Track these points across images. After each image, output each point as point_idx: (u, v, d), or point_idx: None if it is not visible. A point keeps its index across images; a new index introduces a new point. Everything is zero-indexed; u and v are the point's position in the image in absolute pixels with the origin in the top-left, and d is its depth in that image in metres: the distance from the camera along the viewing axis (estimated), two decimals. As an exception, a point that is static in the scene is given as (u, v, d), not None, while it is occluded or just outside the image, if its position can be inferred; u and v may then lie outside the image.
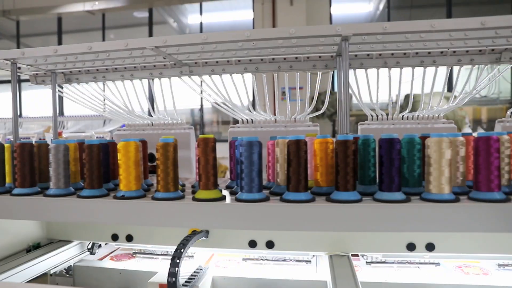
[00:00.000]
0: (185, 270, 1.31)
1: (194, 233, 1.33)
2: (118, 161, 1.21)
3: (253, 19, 7.93)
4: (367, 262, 1.48)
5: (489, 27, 1.07)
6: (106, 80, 1.73)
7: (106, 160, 1.37)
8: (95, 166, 1.23)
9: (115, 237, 1.53)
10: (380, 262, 1.47)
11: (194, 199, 1.14)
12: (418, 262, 1.46)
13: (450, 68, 1.50)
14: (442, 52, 1.45)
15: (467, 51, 1.43)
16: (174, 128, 1.79)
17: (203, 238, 1.39)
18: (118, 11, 8.65)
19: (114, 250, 1.73)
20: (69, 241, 1.60)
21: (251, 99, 1.65)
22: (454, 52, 1.44)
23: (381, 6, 8.03)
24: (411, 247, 1.32)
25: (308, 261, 1.51)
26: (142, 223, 1.21)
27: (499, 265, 1.41)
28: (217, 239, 1.42)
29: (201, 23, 8.50)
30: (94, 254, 1.67)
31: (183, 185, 1.44)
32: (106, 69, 1.69)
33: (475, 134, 1.11)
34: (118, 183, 1.24)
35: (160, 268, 1.35)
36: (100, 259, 1.63)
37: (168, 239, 1.49)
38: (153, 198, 1.17)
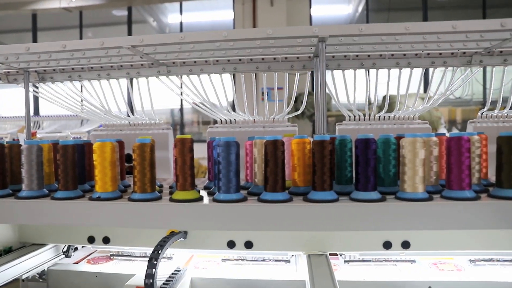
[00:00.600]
0: (163, 272, 1.30)
1: (172, 234, 1.32)
2: (94, 162, 1.19)
3: (234, 19, 7.92)
4: (345, 261, 1.49)
5: (460, 31, 1.11)
6: (82, 80, 1.69)
7: (82, 161, 1.34)
8: (70, 167, 1.20)
9: (91, 240, 1.49)
10: (358, 260, 1.49)
11: (171, 200, 1.13)
12: (394, 259, 1.48)
13: (425, 69, 1.54)
14: (416, 54, 1.48)
15: (440, 54, 1.47)
16: (152, 129, 1.77)
17: (181, 239, 1.37)
18: (96, 9, 8.48)
19: (91, 253, 1.69)
20: (43, 245, 1.55)
21: (230, 99, 1.65)
22: (428, 54, 1.48)
23: (360, 8, 8.15)
24: (387, 245, 1.34)
25: (287, 261, 1.52)
26: (119, 225, 1.19)
27: (470, 261, 1.45)
28: (195, 240, 1.40)
29: (181, 22, 8.43)
30: (70, 257, 1.62)
31: (161, 186, 1.43)
32: (82, 68, 1.66)
33: (448, 135, 1.14)
34: (94, 184, 1.22)
35: (137, 271, 1.33)
36: (76, 263, 1.59)
37: (146, 241, 1.47)
38: (130, 199, 1.15)
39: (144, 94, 1.72)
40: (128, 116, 1.79)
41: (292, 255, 1.53)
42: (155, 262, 1.10)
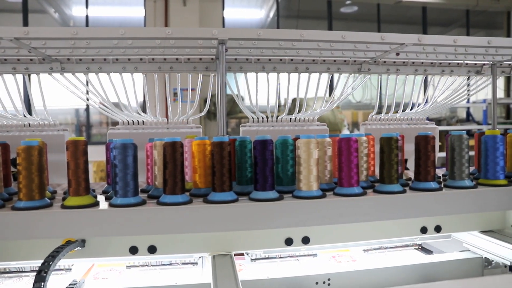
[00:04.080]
0: (58, 285, 1.20)
1: (68, 243, 1.22)
2: (-32, 168, 1.05)
3: (145, 17, 7.63)
4: (251, 259, 1.53)
5: (349, 41, 1.21)
6: (-45, 73, 1.48)
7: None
8: None
9: (-33, 258, 1.31)
10: (263, 258, 1.53)
11: (63, 206, 1.05)
12: (298, 255, 1.55)
13: (321, 74, 1.65)
14: (313, 60, 1.58)
15: (334, 61, 1.59)
16: (46, 130, 1.62)
17: (79, 248, 1.28)
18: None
19: (-32, 274, 1.48)
20: None
21: (133, 99, 1.58)
22: (324, 61, 1.59)
23: (271, 14, 8.44)
24: (289, 241, 1.40)
25: (195, 263, 1.50)
26: (0, 238, 1.07)
27: (364, 250, 1.59)
28: (94, 248, 1.31)
29: (87, 16, 7.85)
30: None
31: (54, 192, 1.31)
32: (-46, 59, 1.46)
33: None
34: (-32, 193, 1.08)
35: (26, 288, 1.21)
36: None
37: (38, 253, 1.33)
38: (13, 208, 1.04)
39: (37, 92, 1.57)
40: (25, 116, 1.62)
41: (200, 257, 1.52)
42: (45, 275, 1.01)
